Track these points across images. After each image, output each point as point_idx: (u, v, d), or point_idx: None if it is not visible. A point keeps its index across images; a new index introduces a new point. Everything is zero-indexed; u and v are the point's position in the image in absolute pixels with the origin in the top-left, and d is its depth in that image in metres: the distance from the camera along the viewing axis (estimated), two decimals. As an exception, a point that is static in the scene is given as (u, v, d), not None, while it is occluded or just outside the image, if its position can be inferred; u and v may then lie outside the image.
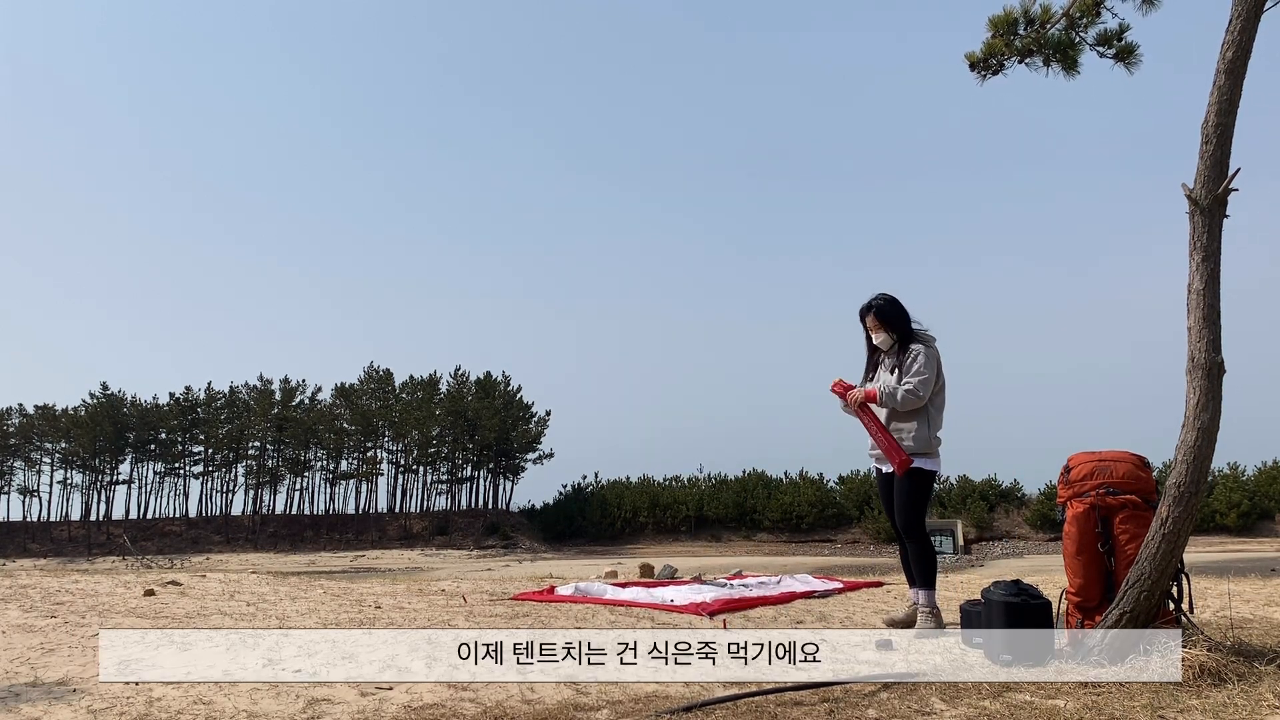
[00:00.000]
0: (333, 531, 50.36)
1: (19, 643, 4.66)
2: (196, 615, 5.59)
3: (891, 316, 5.01)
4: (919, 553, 4.86)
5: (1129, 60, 4.85)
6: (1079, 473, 3.90)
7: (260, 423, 52.71)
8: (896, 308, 5.02)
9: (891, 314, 5.01)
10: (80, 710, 3.25)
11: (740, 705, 3.13)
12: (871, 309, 5.05)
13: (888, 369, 5.04)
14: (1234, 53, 3.70)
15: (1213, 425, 3.58)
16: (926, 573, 4.82)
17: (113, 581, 8.12)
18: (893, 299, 5.05)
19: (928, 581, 4.80)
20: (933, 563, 4.88)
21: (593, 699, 3.32)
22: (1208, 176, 3.69)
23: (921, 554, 4.85)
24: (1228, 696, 2.97)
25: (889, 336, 5.02)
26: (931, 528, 37.46)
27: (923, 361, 4.89)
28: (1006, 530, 42.64)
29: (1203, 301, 3.63)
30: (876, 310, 5.03)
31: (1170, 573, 3.56)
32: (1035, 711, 2.92)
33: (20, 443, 52.13)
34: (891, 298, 5.06)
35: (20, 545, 48.33)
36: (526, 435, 53.30)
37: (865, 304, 5.10)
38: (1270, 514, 39.17)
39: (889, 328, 5.01)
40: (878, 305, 5.03)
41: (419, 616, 5.34)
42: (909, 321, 5.02)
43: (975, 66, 4.97)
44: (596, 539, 46.55)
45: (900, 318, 5.02)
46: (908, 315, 5.03)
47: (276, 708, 3.25)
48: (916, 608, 4.84)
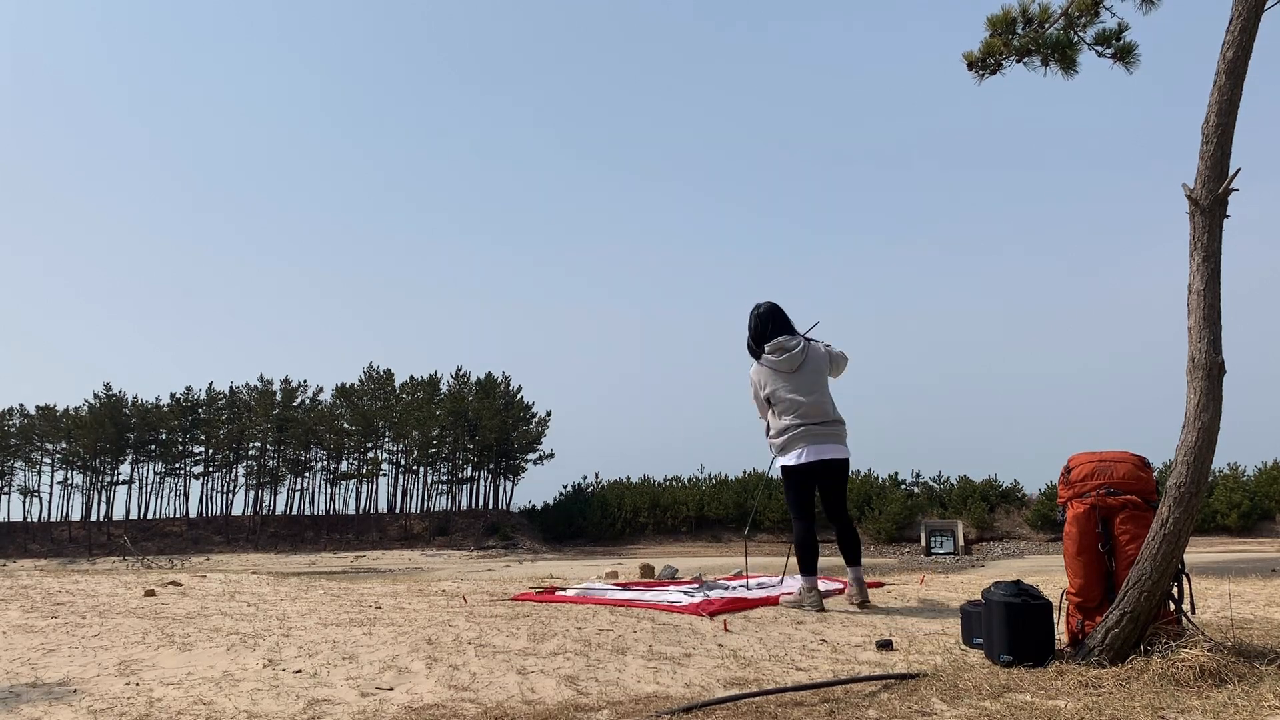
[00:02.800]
0: (333, 532, 50.36)
1: (19, 643, 4.66)
2: (197, 616, 5.60)
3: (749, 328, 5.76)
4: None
5: (1128, 60, 4.85)
6: (1079, 473, 3.89)
7: (261, 423, 52.73)
8: (751, 324, 5.72)
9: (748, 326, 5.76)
10: (80, 710, 3.26)
11: (740, 705, 3.13)
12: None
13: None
14: (1234, 52, 3.69)
15: (1213, 426, 3.58)
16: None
17: (113, 582, 8.13)
18: (755, 313, 5.72)
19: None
20: (796, 549, 5.61)
21: (593, 699, 3.32)
22: (1208, 176, 3.68)
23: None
24: (1228, 697, 2.97)
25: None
26: (932, 528, 37.21)
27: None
28: (1007, 530, 42.60)
29: (1203, 302, 3.62)
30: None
31: (1171, 573, 3.56)
32: (1035, 711, 2.92)
33: (21, 443, 52.13)
34: (754, 313, 5.73)
35: (21, 546, 48.34)
36: (527, 436, 53.29)
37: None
38: (1271, 514, 39.13)
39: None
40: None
41: (419, 617, 5.34)
42: (750, 337, 5.73)
43: (973, 66, 4.96)
44: (597, 539, 46.53)
45: (750, 330, 5.73)
46: (752, 330, 5.70)
47: (277, 708, 3.25)
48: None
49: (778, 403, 5.59)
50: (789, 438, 5.53)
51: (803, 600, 5.43)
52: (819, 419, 5.54)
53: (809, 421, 5.52)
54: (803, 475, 5.54)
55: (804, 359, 5.58)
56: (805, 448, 5.49)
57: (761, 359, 5.64)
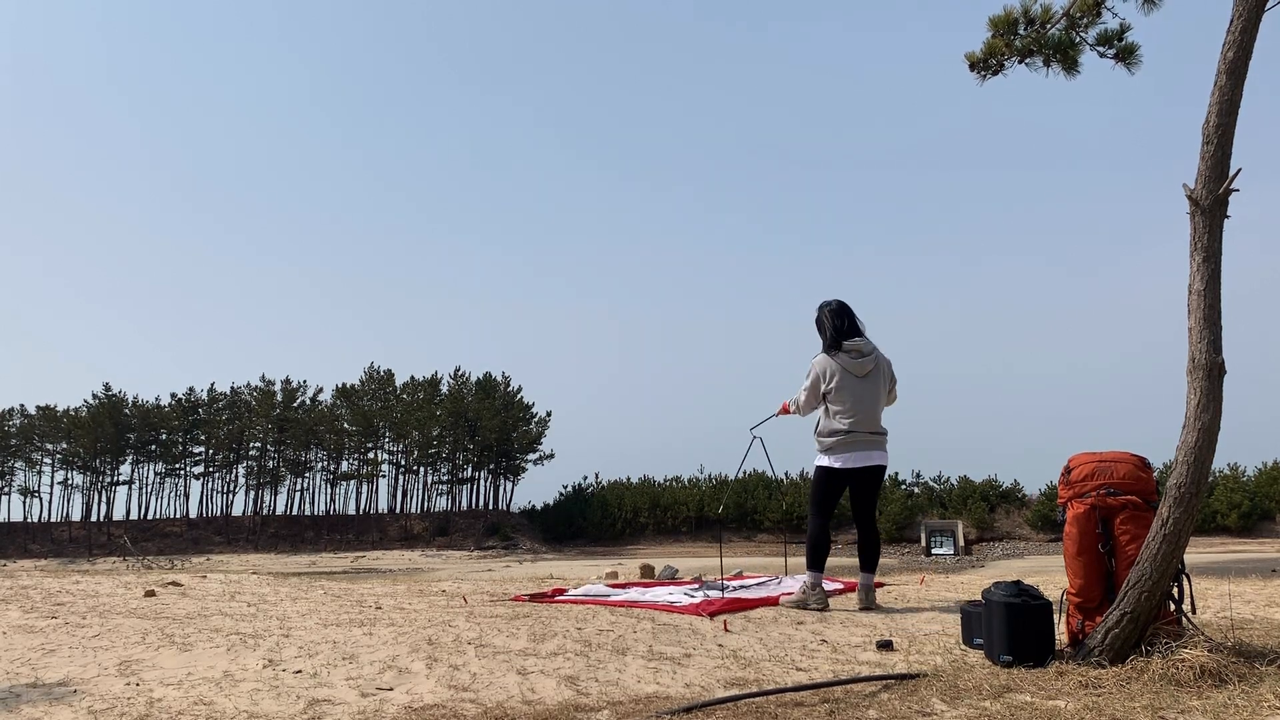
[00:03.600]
0: (333, 532, 50.37)
1: (20, 643, 4.66)
2: (197, 616, 5.60)
3: (816, 324, 5.76)
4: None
5: (1129, 60, 4.85)
6: (1079, 473, 3.89)
7: (261, 423, 52.74)
8: (820, 318, 5.73)
9: (816, 321, 5.76)
10: (81, 711, 3.25)
11: (740, 705, 3.12)
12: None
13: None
14: (1235, 53, 3.69)
15: (1213, 426, 3.58)
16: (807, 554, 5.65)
17: (113, 582, 8.13)
18: (830, 309, 5.71)
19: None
20: (807, 543, 5.65)
21: (593, 699, 3.32)
22: (1209, 177, 3.68)
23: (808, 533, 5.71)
24: (1228, 697, 2.97)
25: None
26: (932, 528, 37.17)
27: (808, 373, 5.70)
28: (1007, 531, 42.60)
29: (1203, 302, 3.62)
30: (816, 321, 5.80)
31: (1171, 573, 3.56)
32: (1036, 712, 2.92)
33: (21, 443, 52.15)
34: (828, 308, 5.72)
35: (21, 546, 48.34)
36: (527, 436, 53.30)
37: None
38: (1271, 514, 39.13)
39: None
40: (816, 314, 5.78)
41: (420, 617, 5.35)
42: (823, 331, 5.71)
43: (975, 66, 4.97)
44: (597, 539, 46.55)
45: (820, 327, 5.74)
46: (825, 326, 5.70)
47: (277, 708, 3.25)
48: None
49: (836, 402, 5.56)
50: (838, 440, 5.54)
51: (808, 598, 5.45)
52: (870, 428, 5.58)
53: (860, 430, 5.54)
54: (839, 479, 5.60)
55: (874, 367, 5.63)
56: (851, 454, 5.54)
57: (836, 355, 5.60)
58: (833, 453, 5.56)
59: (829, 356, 5.62)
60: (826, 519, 5.65)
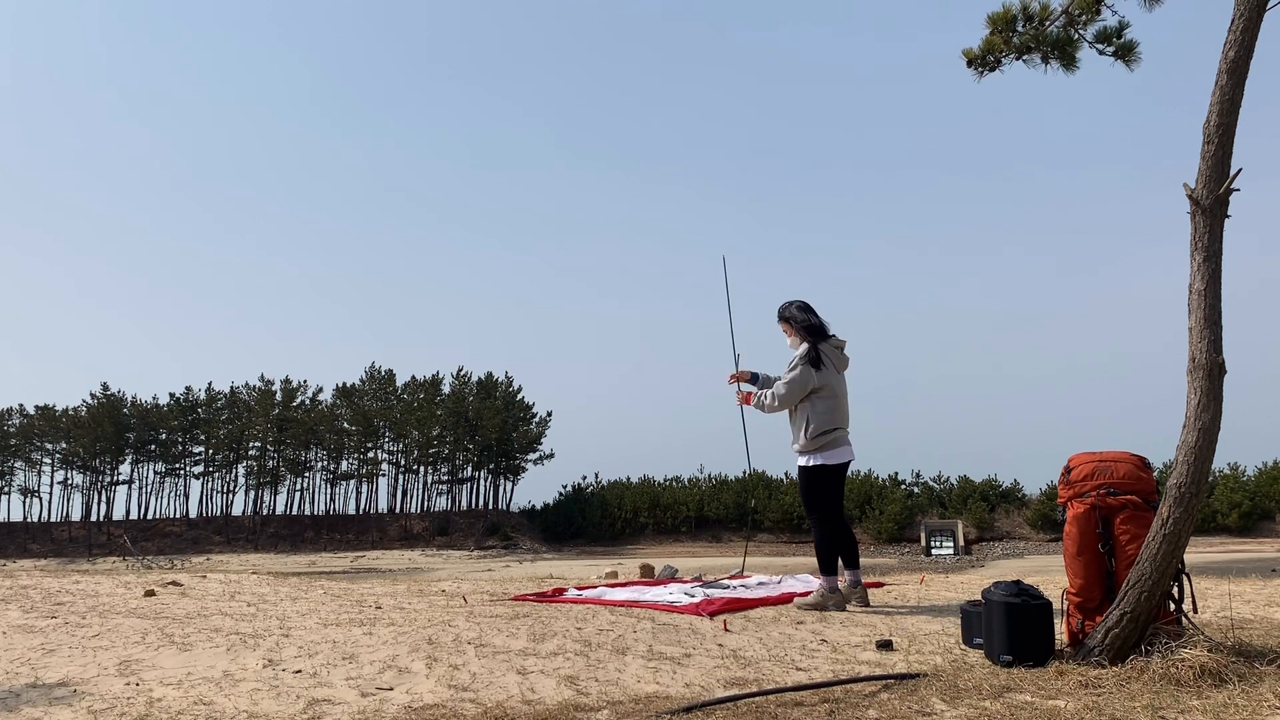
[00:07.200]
0: (333, 532, 50.36)
1: (19, 643, 4.66)
2: (197, 616, 5.59)
3: (789, 319, 5.68)
4: (815, 538, 5.65)
5: (1129, 58, 4.86)
6: (1080, 473, 3.89)
7: (261, 423, 52.72)
8: (790, 314, 5.67)
9: (788, 317, 5.68)
10: (81, 711, 3.25)
11: (740, 705, 3.12)
12: (780, 315, 5.74)
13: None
14: (1236, 52, 3.69)
15: (1213, 426, 3.57)
16: (817, 557, 5.57)
17: (113, 582, 8.13)
18: (799, 304, 5.69)
19: (818, 565, 5.57)
20: (820, 549, 5.57)
21: (593, 699, 3.31)
22: (1209, 176, 3.68)
23: (816, 540, 5.63)
24: (1228, 697, 2.97)
25: (793, 340, 5.69)
26: (932, 528, 37.13)
27: (792, 367, 5.58)
28: (1007, 530, 42.63)
29: (1204, 302, 3.62)
30: (780, 315, 5.73)
31: (1171, 573, 3.56)
32: (1036, 712, 2.92)
33: (21, 443, 52.13)
34: (797, 304, 5.70)
35: (21, 546, 48.33)
36: (527, 436, 53.29)
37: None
38: (1271, 514, 39.16)
39: (791, 332, 5.70)
40: (782, 310, 5.72)
41: (419, 617, 5.34)
42: (798, 325, 5.64)
43: (973, 63, 4.97)
44: (597, 539, 46.55)
45: (792, 321, 5.66)
46: (798, 320, 5.63)
47: (277, 708, 3.25)
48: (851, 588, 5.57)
49: (825, 398, 5.52)
50: (834, 437, 5.54)
51: (826, 601, 5.40)
52: (847, 424, 5.65)
53: (844, 425, 5.62)
54: (841, 475, 5.64)
55: (847, 362, 5.70)
56: (841, 449, 5.59)
57: (822, 349, 5.58)
58: (826, 450, 5.54)
59: (819, 348, 5.57)
60: (840, 521, 5.62)
